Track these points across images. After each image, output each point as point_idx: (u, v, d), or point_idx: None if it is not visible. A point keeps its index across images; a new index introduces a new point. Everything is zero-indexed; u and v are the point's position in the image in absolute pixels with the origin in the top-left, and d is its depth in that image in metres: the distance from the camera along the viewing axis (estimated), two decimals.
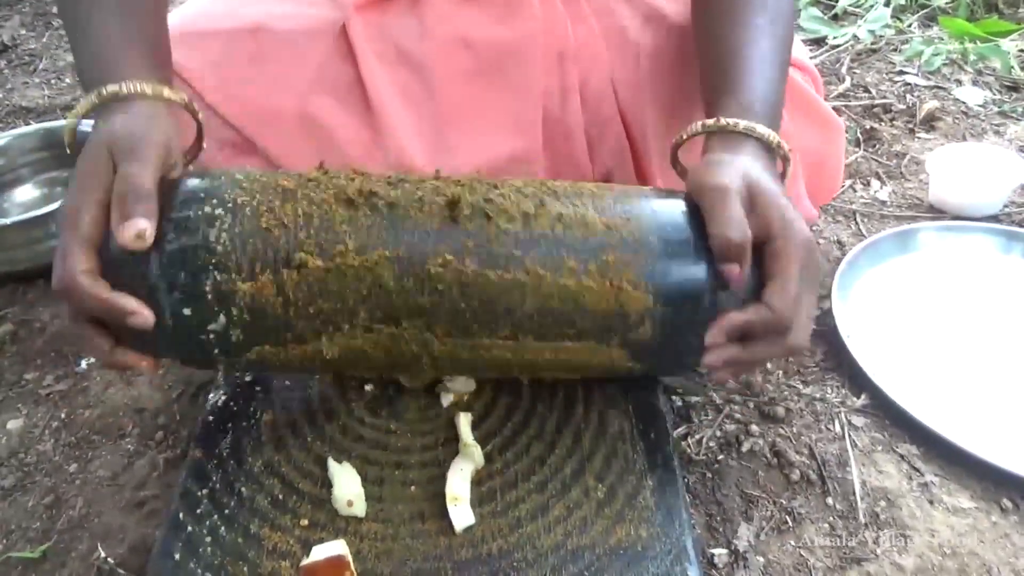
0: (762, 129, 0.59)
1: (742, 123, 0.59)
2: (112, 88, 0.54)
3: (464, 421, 0.60)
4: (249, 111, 0.77)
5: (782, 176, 0.62)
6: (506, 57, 0.80)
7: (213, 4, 0.85)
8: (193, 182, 0.55)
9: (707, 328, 0.55)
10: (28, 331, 0.94)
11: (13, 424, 0.82)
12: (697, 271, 0.55)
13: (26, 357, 0.90)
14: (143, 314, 0.51)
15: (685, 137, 0.64)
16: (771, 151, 0.61)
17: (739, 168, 0.56)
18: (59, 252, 0.50)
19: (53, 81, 1.55)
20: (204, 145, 0.63)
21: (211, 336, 0.53)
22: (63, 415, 0.82)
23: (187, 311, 0.52)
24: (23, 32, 1.77)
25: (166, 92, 0.57)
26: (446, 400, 0.64)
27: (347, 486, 0.55)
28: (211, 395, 0.65)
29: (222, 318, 0.52)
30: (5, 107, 1.45)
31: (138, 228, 0.49)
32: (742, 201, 0.54)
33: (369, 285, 0.52)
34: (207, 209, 0.53)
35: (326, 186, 0.55)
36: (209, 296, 0.52)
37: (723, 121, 0.60)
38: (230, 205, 0.53)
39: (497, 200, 0.54)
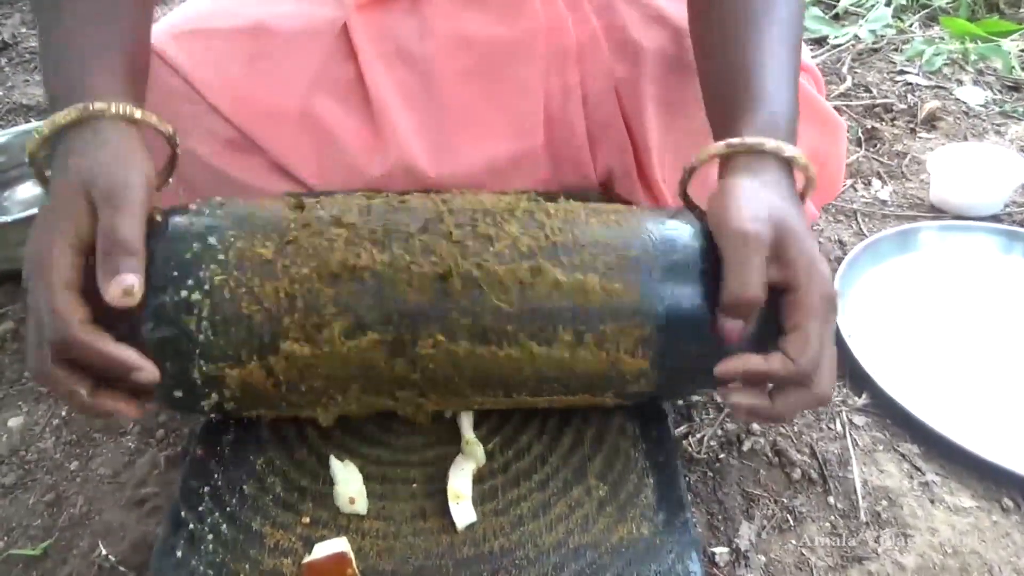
0: (790, 150, 0.55)
1: (769, 143, 0.54)
2: (99, 106, 0.50)
3: (466, 420, 0.60)
4: (250, 110, 0.77)
5: (802, 195, 0.59)
6: (508, 56, 0.80)
7: (214, 3, 0.85)
8: (165, 250, 0.51)
9: (708, 371, 0.52)
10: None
11: (14, 422, 0.82)
12: (699, 330, 0.53)
13: (26, 355, 0.90)
14: (149, 370, 0.48)
15: (704, 158, 0.57)
16: (792, 170, 0.57)
17: (766, 205, 0.52)
18: (42, 302, 0.46)
19: None
20: (171, 180, 0.58)
21: (204, 407, 0.54)
22: (64, 413, 0.82)
23: (178, 393, 0.52)
24: (23, 30, 1.77)
25: (154, 120, 0.54)
26: None
27: (349, 484, 0.55)
28: None
29: (214, 396, 0.53)
30: (6, 105, 1.45)
31: (125, 284, 0.46)
32: (768, 246, 0.51)
33: (359, 367, 0.52)
34: (184, 294, 0.50)
35: (307, 254, 0.51)
36: (198, 381, 0.52)
37: (750, 141, 0.55)
38: (207, 287, 0.50)
39: (491, 267, 0.51)
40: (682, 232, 0.55)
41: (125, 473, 0.75)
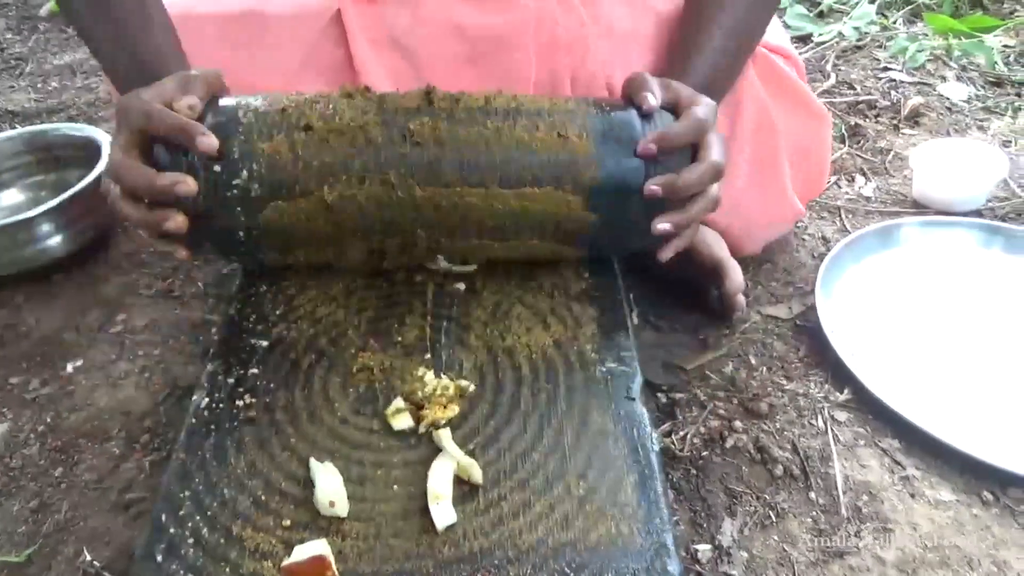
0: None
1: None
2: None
3: (446, 438, 0.59)
4: (238, 90, 0.77)
5: None
6: (497, 45, 0.81)
7: None
8: (228, 99, 0.69)
9: (644, 186, 0.66)
10: (14, 335, 0.94)
11: None
12: (630, 118, 0.68)
13: (11, 361, 0.90)
14: (187, 182, 0.62)
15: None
16: None
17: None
18: (113, 141, 0.64)
19: (39, 84, 1.55)
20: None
21: (235, 192, 0.65)
22: (49, 419, 0.82)
23: (217, 167, 0.64)
24: (9, 36, 1.77)
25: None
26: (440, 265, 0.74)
27: (329, 486, 0.55)
28: (195, 397, 0.65)
29: (244, 172, 0.64)
30: None
31: (189, 100, 0.64)
32: (657, 83, 0.69)
33: (362, 141, 0.65)
34: (240, 101, 0.68)
35: (330, 92, 0.68)
36: (236, 154, 0.64)
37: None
38: (256, 103, 0.68)
39: (464, 94, 0.68)
40: (618, 105, 0.71)
41: (110, 479, 0.75)
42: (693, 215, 0.68)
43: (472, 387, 0.64)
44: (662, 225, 0.67)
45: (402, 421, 0.61)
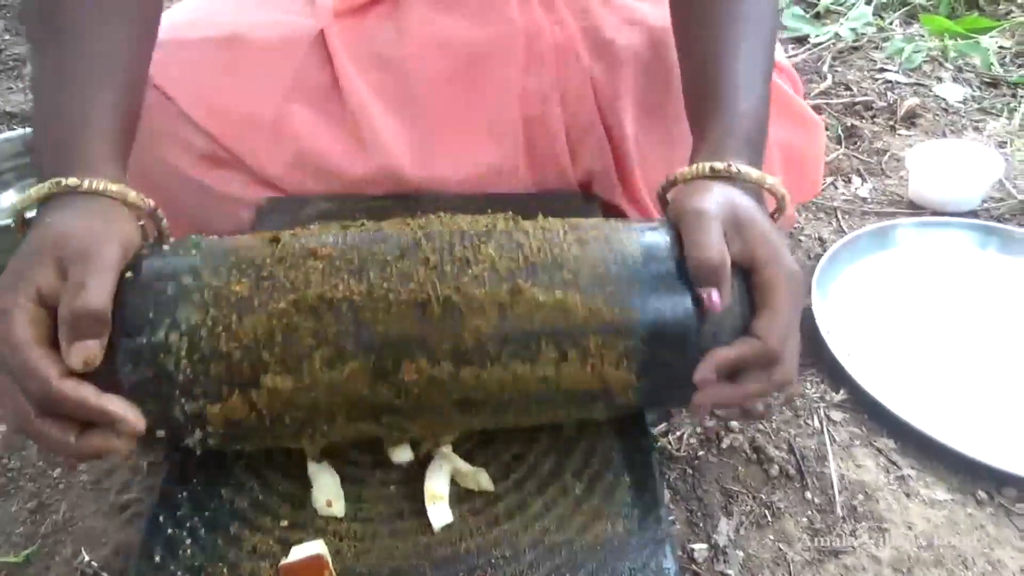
0: (752, 172, 0.57)
1: (734, 167, 0.56)
2: (72, 181, 0.50)
3: (447, 452, 0.58)
4: (225, 120, 0.77)
5: (773, 216, 0.59)
6: (485, 59, 0.80)
7: (189, 12, 0.85)
8: (141, 293, 0.50)
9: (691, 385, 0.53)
10: None
11: None
12: (682, 338, 0.53)
13: None
14: (133, 420, 0.48)
15: (673, 181, 0.60)
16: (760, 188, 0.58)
17: (722, 193, 0.55)
18: (15, 362, 0.45)
19: None
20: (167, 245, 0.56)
21: (188, 444, 0.53)
22: None
23: (161, 433, 0.51)
24: (7, 37, 1.77)
25: (131, 196, 0.53)
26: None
27: (326, 486, 0.56)
28: None
29: (198, 432, 0.52)
30: None
31: (87, 354, 0.46)
32: (724, 225, 0.53)
33: (343, 396, 0.51)
34: (159, 335, 0.49)
35: (284, 288, 0.50)
36: (180, 419, 0.51)
37: (709, 167, 0.57)
38: (183, 328, 0.49)
39: (470, 291, 0.51)
40: (658, 242, 0.55)
41: (107, 480, 0.76)
42: (743, 401, 0.56)
43: None
44: (704, 401, 0.55)
45: (401, 454, 0.59)
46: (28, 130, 1.17)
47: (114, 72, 0.58)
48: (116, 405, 0.47)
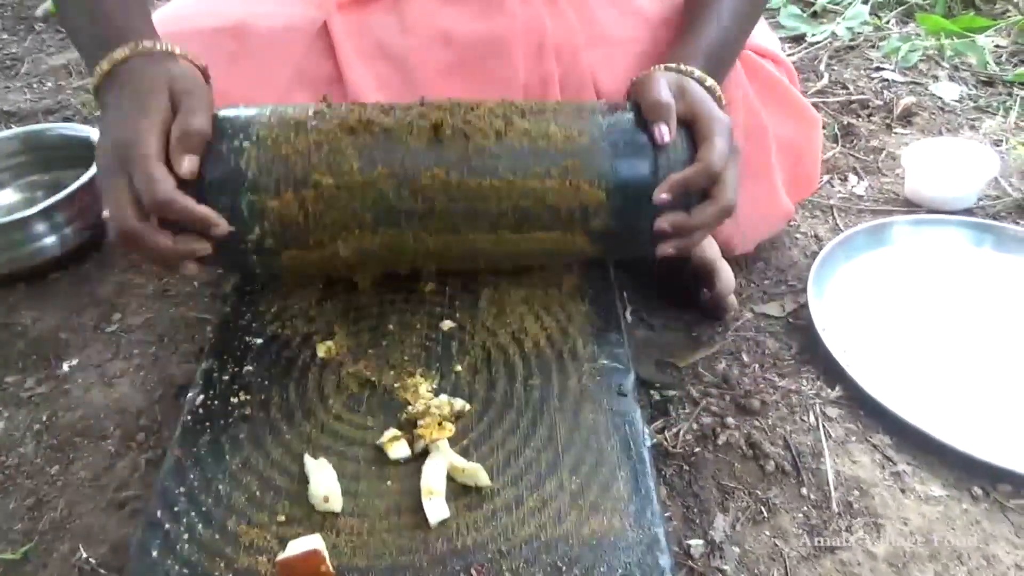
0: (685, 68, 0.72)
1: (696, 71, 0.72)
2: (147, 44, 0.65)
3: (444, 448, 0.59)
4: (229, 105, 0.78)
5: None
6: (486, 51, 0.81)
7: (196, 2, 0.85)
8: (223, 117, 0.66)
9: (654, 216, 0.67)
10: (9, 334, 0.94)
11: None
12: (642, 166, 0.67)
13: (7, 360, 0.90)
14: (223, 226, 0.62)
15: (630, 89, 0.75)
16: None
17: (671, 73, 0.71)
18: (140, 171, 0.59)
19: (35, 85, 1.55)
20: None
21: (249, 244, 0.65)
22: (44, 417, 0.83)
23: (229, 228, 0.63)
24: (5, 36, 1.77)
25: (190, 55, 0.68)
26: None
27: (323, 482, 0.56)
28: (190, 394, 0.65)
29: (257, 230, 0.65)
30: None
31: (193, 164, 0.61)
32: (671, 87, 0.69)
33: (373, 198, 0.65)
34: (236, 143, 0.64)
35: (331, 117, 0.66)
36: (245, 213, 0.64)
37: (683, 67, 0.72)
38: (254, 138, 0.65)
39: (474, 121, 0.66)
40: (622, 105, 0.72)
41: (105, 476, 0.76)
42: (697, 225, 0.68)
43: (468, 407, 0.64)
44: (663, 224, 0.68)
45: (398, 450, 0.60)
46: (26, 128, 1.17)
47: None
48: (212, 212, 0.62)
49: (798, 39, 1.60)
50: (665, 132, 0.66)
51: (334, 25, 0.80)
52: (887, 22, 1.64)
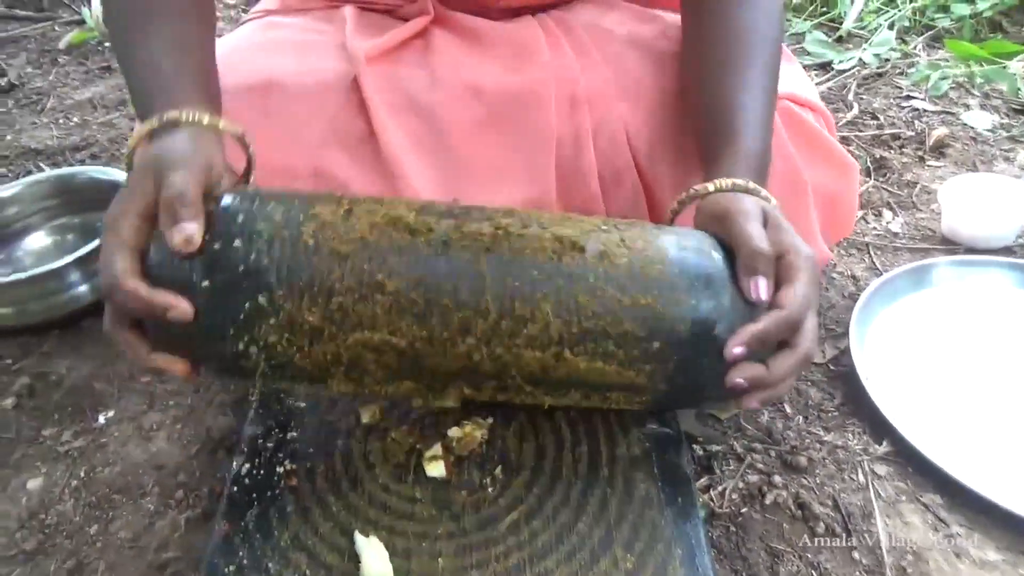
0: (751, 186, 0.63)
1: (728, 182, 0.63)
2: (172, 114, 0.59)
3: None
4: (262, 166, 0.77)
5: None
6: (518, 104, 0.80)
7: (225, 57, 0.85)
8: (226, 210, 0.56)
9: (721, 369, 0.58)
10: (44, 384, 0.94)
11: (33, 484, 0.81)
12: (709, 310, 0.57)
13: (44, 412, 0.90)
14: (181, 307, 0.53)
15: (685, 199, 0.66)
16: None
17: (750, 199, 0.62)
18: (102, 257, 0.54)
19: (61, 120, 1.56)
20: (252, 177, 0.67)
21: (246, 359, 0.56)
22: (82, 473, 0.82)
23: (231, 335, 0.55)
24: (29, 70, 1.78)
25: (221, 123, 0.62)
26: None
27: (375, 562, 0.55)
28: (235, 462, 0.65)
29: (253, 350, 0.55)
30: (15, 149, 1.45)
31: (186, 233, 0.52)
32: (761, 218, 0.60)
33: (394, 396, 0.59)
34: (240, 347, 0.55)
35: (352, 322, 0.54)
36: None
37: (731, 183, 0.63)
38: (262, 344, 0.55)
39: (519, 352, 0.55)
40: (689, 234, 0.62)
41: (146, 536, 0.75)
42: (776, 380, 0.59)
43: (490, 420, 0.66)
44: (738, 379, 0.58)
45: (435, 469, 0.61)
46: (57, 172, 1.17)
47: (194, 43, 0.68)
48: (167, 296, 0.53)
49: (825, 66, 1.59)
50: (763, 289, 0.57)
51: (365, 80, 0.79)
52: (915, 48, 1.63)
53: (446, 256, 0.55)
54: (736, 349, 0.56)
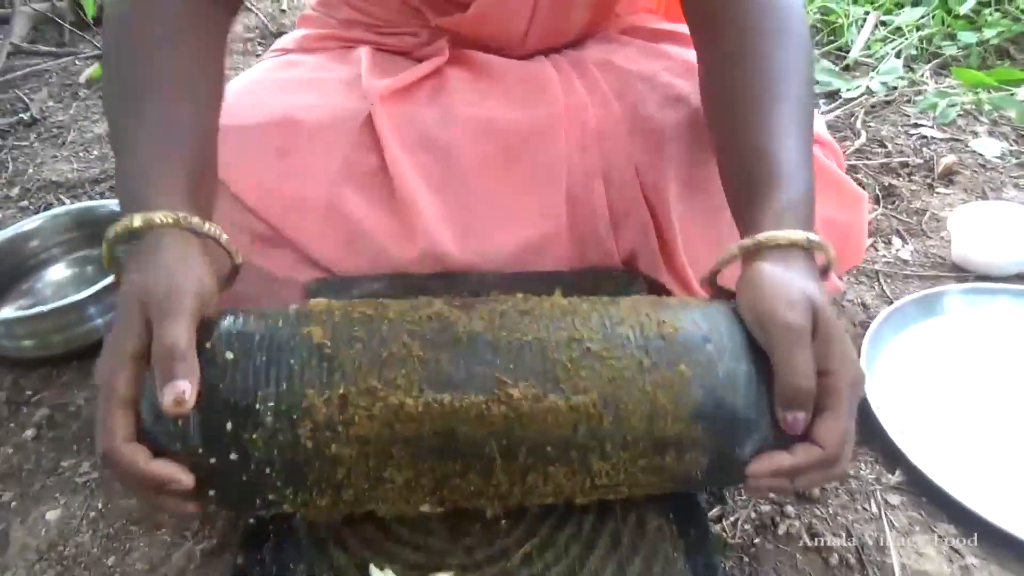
0: (813, 238, 0.57)
1: (795, 235, 0.57)
2: (155, 217, 0.54)
3: None
4: (277, 204, 0.78)
5: (824, 272, 0.60)
6: (530, 141, 0.81)
7: (238, 96, 0.86)
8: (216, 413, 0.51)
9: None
10: (64, 415, 0.95)
11: (52, 515, 0.83)
12: (747, 442, 0.54)
13: (63, 443, 0.91)
14: (182, 480, 0.50)
15: (735, 253, 0.60)
16: (814, 251, 0.59)
17: (798, 289, 0.54)
18: (99, 421, 0.50)
19: (81, 154, 1.59)
20: (235, 281, 0.62)
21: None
22: (100, 504, 0.83)
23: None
24: (51, 103, 1.81)
25: (206, 227, 0.57)
26: None
27: None
28: None
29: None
30: (36, 182, 1.48)
31: (177, 392, 0.48)
32: (810, 333, 0.52)
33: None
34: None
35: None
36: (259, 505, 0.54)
37: (779, 234, 0.57)
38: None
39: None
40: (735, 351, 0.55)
41: (162, 568, 0.76)
42: (797, 488, 0.56)
43: None
44: (759, 484, 0.55)
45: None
46: (78, 206, 1.20)
47: (187, 130, 0.62)
48: (167, 468, 0.49)
49: (832, 95, 1.60)
50: (800, 425, 0.52)
51: (378, 117, 0.80)
52: (921, 75, 1.64)
53: (454, 441, 0.52)
54: (760, 473, 0.54)
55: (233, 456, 0.50)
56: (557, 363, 0.52)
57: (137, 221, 0.53)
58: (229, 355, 0.52)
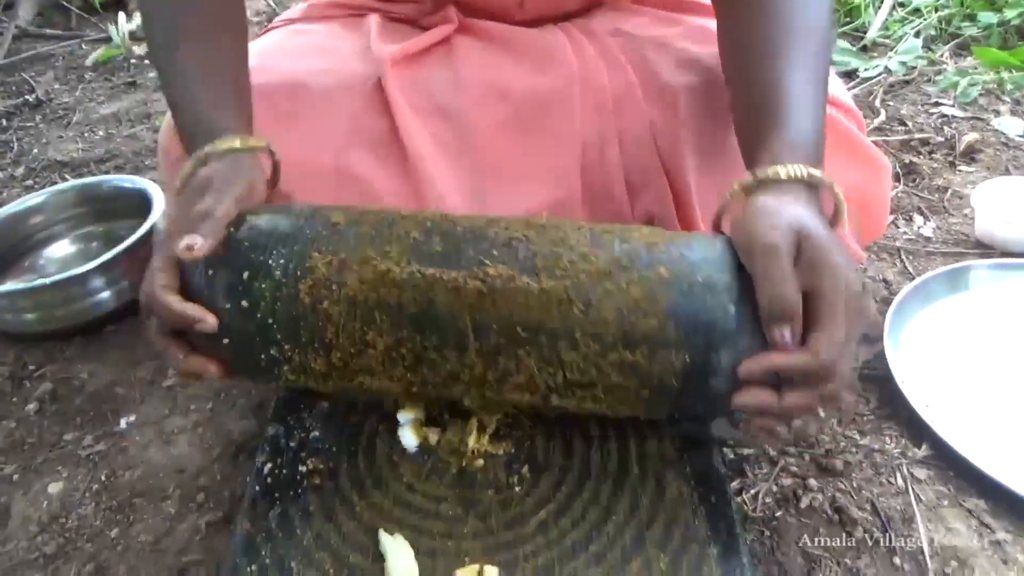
0: (806, 171, 0.56)
1: (783, 170, 0.56)
2: (213, 148, 0.62)
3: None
4: (287, 166, 0.76)
5: (834, 215, 0.59)
6: (543, 107, 0.79)
7: (251, 62, 0.85)
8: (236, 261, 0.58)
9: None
10: (67, 389, 0.93)
11: (54, 487, 0.81)
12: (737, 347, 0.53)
13: (65, 416, 0.90)
14: (207, 321, 0.56)
15: (736, 190, 0.59)
16: (819, 189, 0.58)
17: (784, 214, 0.54)
18: (148, 270, 0.58)
19: (87, 134, 1.57)
20: (279, 179, 0.70)
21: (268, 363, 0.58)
22: (103, 477, 0.81)
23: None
24: (56, 86, 1.80)
25: (252, 142, 0.65)
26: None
27: (400, 561, 0.53)
28: (257, 461, 0.63)
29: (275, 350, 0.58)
30: (41, 161, 1.46)
31: (187, 242, 0.55)
32: (791, 253, 0.52)
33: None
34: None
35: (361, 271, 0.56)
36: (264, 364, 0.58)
37: (761, 175, 0.57)
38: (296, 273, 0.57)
39: (506, 394, 0.57)
40: (720, 261, 0.56)
41: (166, 539, 0.74)
42: (786, 412, 0.54)
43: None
44: (747, 400, 0.54)
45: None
46: (82, 181, 1.18)
47: (226, 60, 0.71)
48: (196, 309, 0.56)
49: (850, 74, 1.57)
50: (788, 339, 0.51)
51: (388, 81, 0.79)
52: (941, 55, 1.61)
53: (432, 313, 0.54)
54: (751, 371, 0.52)
55: (244, 303, 0.56)
56: (539, 254, 0.55)
57: (201, 154, 0.62)
58: (258, 221, 0.59)
